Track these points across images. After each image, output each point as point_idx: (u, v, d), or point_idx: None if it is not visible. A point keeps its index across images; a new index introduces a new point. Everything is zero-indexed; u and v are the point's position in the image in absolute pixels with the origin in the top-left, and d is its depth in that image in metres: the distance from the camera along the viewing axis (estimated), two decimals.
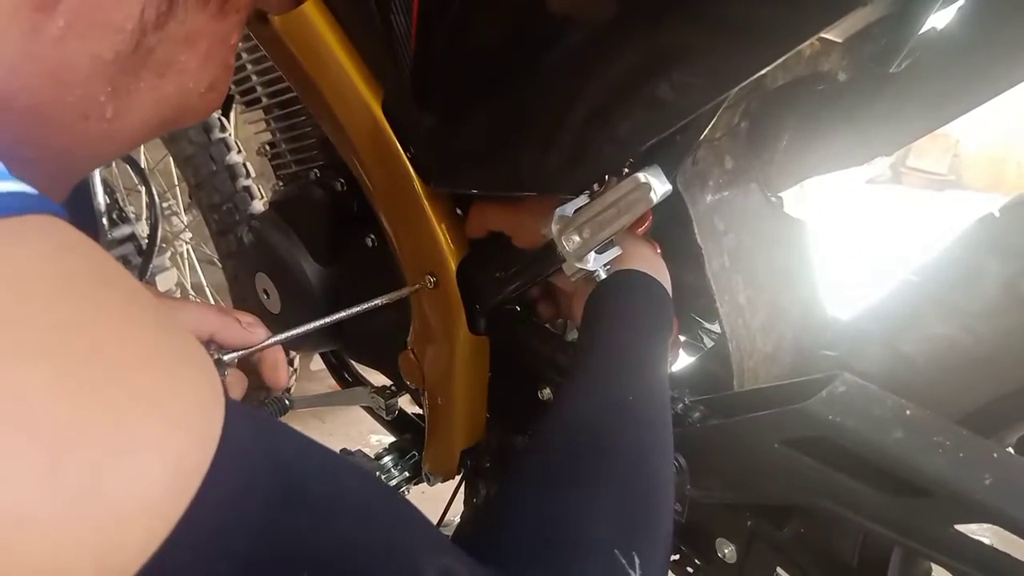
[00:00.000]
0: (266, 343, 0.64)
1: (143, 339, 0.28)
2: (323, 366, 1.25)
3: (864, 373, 0.59)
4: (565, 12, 0.52)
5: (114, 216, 1.66)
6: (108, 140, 0.38)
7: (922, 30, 0.59)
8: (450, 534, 0.93)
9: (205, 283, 1.85)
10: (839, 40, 0.54)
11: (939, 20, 0.60)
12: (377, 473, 0.92)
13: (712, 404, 0.66)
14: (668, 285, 0.64)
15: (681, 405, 0.66)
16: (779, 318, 0.70)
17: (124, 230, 1.66)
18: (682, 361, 0.81)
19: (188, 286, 1.83)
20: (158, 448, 0.26)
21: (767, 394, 0.62)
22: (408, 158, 0.70)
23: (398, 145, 0.71)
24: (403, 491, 0.95)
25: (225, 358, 0.61)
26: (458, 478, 0.90)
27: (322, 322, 0.69)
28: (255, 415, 0.31)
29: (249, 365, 0.65)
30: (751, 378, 0.70)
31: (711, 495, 0.64)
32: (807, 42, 0.42)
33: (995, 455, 0.50)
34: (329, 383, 1.68)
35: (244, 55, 0.97)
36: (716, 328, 0.83)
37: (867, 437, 0.52)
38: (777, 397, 0.60)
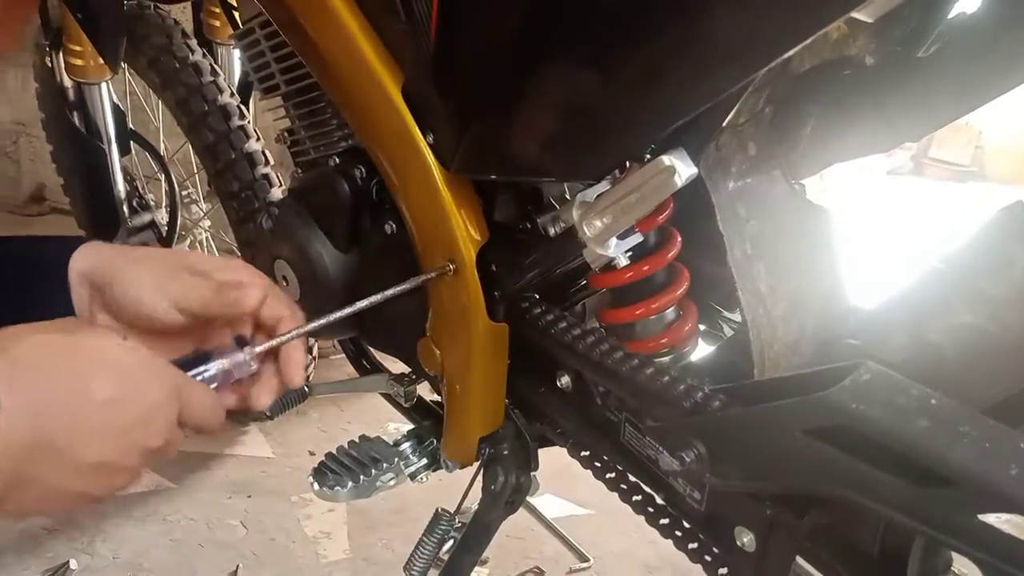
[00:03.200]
0: (291, 334, 0.64)
1: None
2: (341, 353, 1.25)
3: (888, 362, 0.58)
4: None
5: (134, 204, 1.67)
6: None
7: (951, 14, 0.58)
8: (467, 521, 0.93)
9: None
10: (870, 20, 0.53)
11: (968, 4, 0.59)
12: (396, 460, 0.92)
13: (732, 393, 0.65)
14: None
15: (701, 394, 0.66)
16: (801, 306, 0.70)
17: (144, 218, 1.68)
18: (702, 350, 0.80)
19: None
20: None
21: (789, 382, 0.61)
22: (428, 144, 0.70)
23: (417, 130, 0.70)
24: (421, 478, 0.95)
25: (257, 349, 0.62)
26: (476, 465, 0.90)
27: (345, 311, 0.69)
28: None
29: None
30: (772, 367, 0.69)
31: (731, 484, 0.63)
32: (837, 22, 0.42)
33: (1022, 445, 0.49)
34: (347, 370, 1.68)
35: (263, 41, 0.97)
36: (736, 317, 0.83)
37: (891, 426, 0.51)
38: (799, 386, 0.59)
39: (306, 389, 0.99)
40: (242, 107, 1.49)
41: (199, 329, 0.66)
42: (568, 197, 0.69)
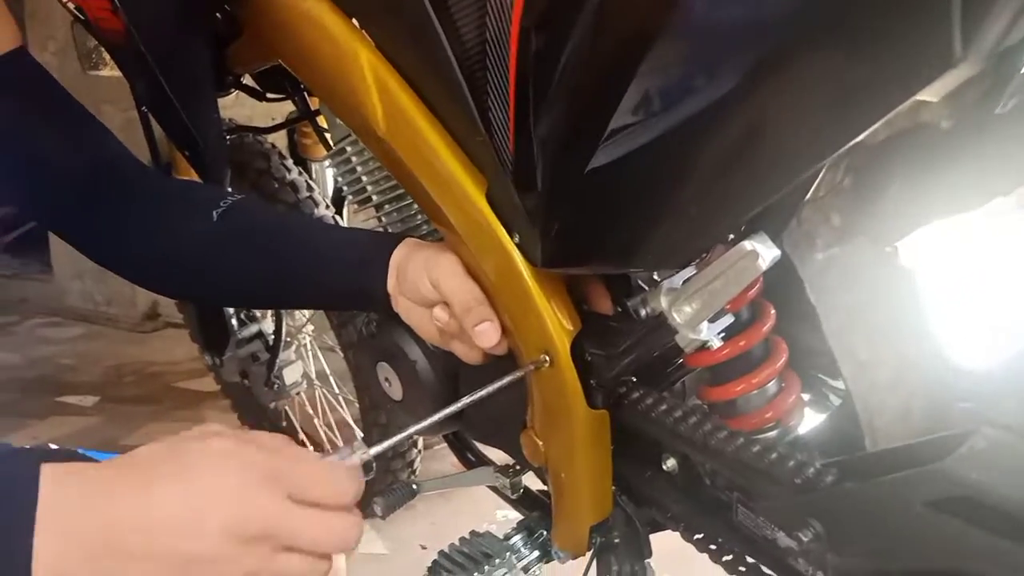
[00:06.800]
0: (400, 436, 0.67)
1: None
2: (444, 443, 1.27)
3: (1004, 424, 0.56)
4: (664, 93, 0.53)
5: (242, 316, 1.76)
6: None
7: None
8: None
9: (328, 371, 1.92)
10: (934, 100, 0.53)
11: None
12: (507, 554, 0.92)
13: (845, 466, 0.64)
14: None
15: (812, 469, 0.65)
16: (906, 372, 0.68)
17: (251, 329, 1.76)
18: (810, 421, 0.79)
19: (313, 375, 1.91)
20: None
21: (903, 453, 0.60)
22: (515, 244, 0.73)
23: (504, 232, 0.73)
24: (534, 571, 0.95)
25: (371, 452, 0.64)
26: (589, 555, 0.90)
27: (448, 411, 0.72)
28: None
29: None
30: (883, 437, 0.68)
31: (854, 563, 0.61)
32: (901, 106, 0.43)
33: None
34: (451, 460, 1.69)
35: (354, 159, 1.04)
36: (841, 384, 0.81)
37: (1014, 494, 0.50)
38: (914, 456, 0.57)
39: (415, 487, 1.01)
40: (337, 217, 1.58)
41: None
42: (656, 279, 0.71)
